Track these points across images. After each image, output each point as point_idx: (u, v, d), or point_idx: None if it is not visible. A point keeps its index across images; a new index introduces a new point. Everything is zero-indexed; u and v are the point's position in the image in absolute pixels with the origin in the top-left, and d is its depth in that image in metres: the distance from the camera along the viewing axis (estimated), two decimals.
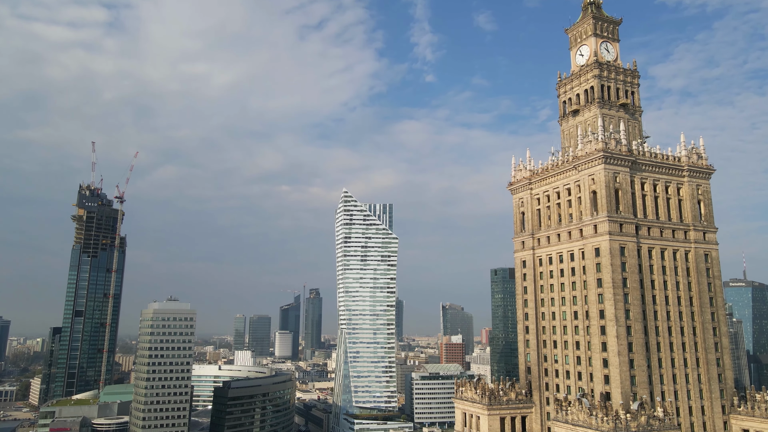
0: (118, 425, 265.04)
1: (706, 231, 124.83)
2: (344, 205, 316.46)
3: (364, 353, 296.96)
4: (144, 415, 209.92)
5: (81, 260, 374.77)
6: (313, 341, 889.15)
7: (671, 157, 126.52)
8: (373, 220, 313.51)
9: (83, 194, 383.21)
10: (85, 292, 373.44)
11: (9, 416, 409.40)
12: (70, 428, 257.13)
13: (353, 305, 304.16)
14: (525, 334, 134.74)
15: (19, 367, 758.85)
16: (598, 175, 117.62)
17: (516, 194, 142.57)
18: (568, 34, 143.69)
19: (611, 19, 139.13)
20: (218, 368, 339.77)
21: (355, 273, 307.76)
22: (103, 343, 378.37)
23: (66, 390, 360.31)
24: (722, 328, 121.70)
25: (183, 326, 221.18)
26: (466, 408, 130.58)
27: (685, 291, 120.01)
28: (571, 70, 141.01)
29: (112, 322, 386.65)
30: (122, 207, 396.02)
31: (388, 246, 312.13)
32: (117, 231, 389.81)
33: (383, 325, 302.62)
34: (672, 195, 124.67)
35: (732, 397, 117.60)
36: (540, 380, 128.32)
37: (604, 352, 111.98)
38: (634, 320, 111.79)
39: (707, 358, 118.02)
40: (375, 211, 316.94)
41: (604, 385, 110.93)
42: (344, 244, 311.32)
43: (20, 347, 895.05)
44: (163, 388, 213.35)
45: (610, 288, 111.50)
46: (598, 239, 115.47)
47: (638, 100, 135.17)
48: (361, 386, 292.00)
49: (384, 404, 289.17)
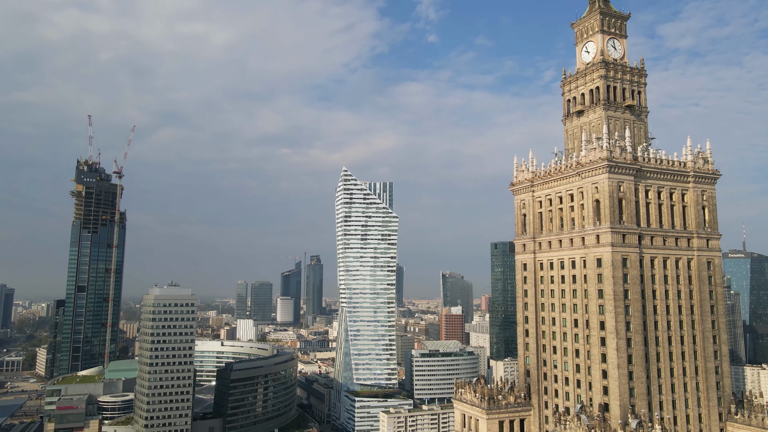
0: (123, 402, 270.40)
1: (709, 238, 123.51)
2: (344, 184, 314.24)
3: (364, 331, 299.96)
4: (148, 399, 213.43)
5: (81, 236, 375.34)
6: (314, 307, 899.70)
7: (677, 162, 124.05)
8: (373, 199, 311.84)
9: (81, 170, 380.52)
10: (86, 267, 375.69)
11: (16, 387, 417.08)
12: (77, 406, 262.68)
13: (353, 284, 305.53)
14: (525, 337, 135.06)
15: (25, 333, 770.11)
16: (601, 184, 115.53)
17: (517, 195, 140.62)
18: (574, 28, 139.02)
19: (619, 14, 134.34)
20: (221, 344, 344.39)
21: (355, 252, 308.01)
22: (107, 317, 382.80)
23: (71, 364, 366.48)
24: (722, 336, 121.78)
25: (184, 312, 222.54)
26: (466, 410, 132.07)
27: (686, 300, 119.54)
28: (576, 67, 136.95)
29: (115, 297, 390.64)
30: (121, 182, 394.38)
31: (388, 225, 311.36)
32: (117, 206, 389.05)
33: (383, 303, 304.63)
34: (676, 202, 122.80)
35: (729, 405, 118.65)
36: (539, 384, 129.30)
37: (603, 364, 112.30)
38: (635, 332, 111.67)
39: (706, 367, 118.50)
40: (375, 190, 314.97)
41: (603, 396, 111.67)
42: (344, 223, 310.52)
43: (26, 313, 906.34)
44: (166, 373, 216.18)
45: (611, 300, 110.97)
46: (600, 250, 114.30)
47: (644, 100, 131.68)
48: (361, 364, 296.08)
49: (384, 381, 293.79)
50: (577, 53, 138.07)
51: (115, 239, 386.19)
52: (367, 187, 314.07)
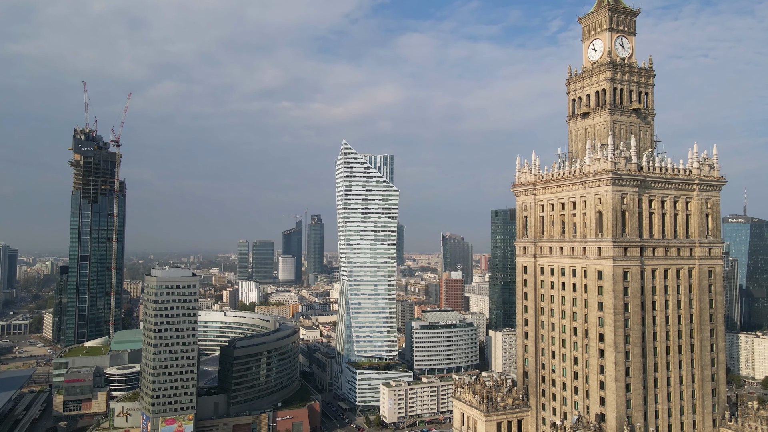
0: (129, 375, 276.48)
1: (711, 246, 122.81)
2: (344, 157, 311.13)
3: (365, 304, 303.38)
4: (154, 379, 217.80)
5: (82, 206, 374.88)
6: (315, 265, 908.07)
7: (682, 170, 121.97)
8: (374, 172, 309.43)
9: (78, 139, 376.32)
10: (88, 237, 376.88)
11: (24, 352, 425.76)
12: (84, 378, 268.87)
13: (354, 257, 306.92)
14: (524, 339, 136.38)
15: (30, 292, 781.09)
16: (605, 196, 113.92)
17: (519, 197, 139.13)
18: (582, 24, 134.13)
19: (629, 9, 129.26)
20: (224, 314, 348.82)
21: (356, 226, 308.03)
22: (110, 286, 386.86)
23: (77, 332, 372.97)
24: (719, 344, 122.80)
25: (186, 293, 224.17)
26: (465, 409, 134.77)
27: (686, 309, 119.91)
28: (582, 65, 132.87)
29: (118, 266, 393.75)
30: (119, 150, 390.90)
31: (388, 198, 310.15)
32: (116, 175, 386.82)
33: (384, 276, 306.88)
34: (680, 210, 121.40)
35: (723, 411, 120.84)
36: (537, 386, 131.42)
37: (601, 375, 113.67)
38: (633, 344, 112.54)
39: (702, 375, 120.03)
40: (375, 163, 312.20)
41: (600, 406, 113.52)
42: (345, 196, 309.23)
43: (30, 271, 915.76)
44: (170, 353, 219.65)
45: (611, 314, 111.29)
46: (601, 263, 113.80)
47: (651, 102, 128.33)
48: (362, 336, 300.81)
49: (385, 353, 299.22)
50: (583, 50, 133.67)
51: (116, 208, 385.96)
52: (367, 160, 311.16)
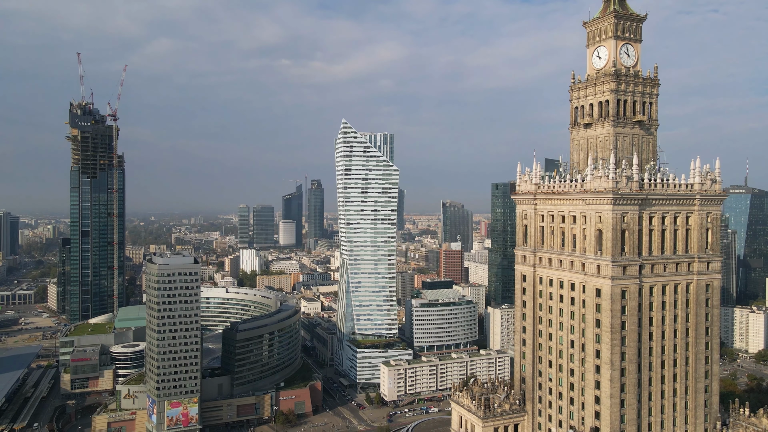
0: (134, 353, 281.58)
1: (710, 261, 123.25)
2: (344, 136, 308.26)
3: (365, 283, 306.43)
4: (159, 364, 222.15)
5: (81, 181, 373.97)
6: (316, 229, 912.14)
7: (683, 185, 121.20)
8: (374, 151, 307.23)
9: (75, 113, 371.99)
10: (89, 213, 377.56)
11: (30, 323, 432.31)
12: (90, 357, 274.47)
13: (354, 237, 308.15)
14: (522, 345, 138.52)
15: (33, 257, 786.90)
16: (605, 215, 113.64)
17: (520, 205, 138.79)
18: (587, 29, 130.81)
19: (635, 16, 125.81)
20: (225, 291, 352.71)
21: (356, 205, 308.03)
22: (113, 261, 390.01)
23: (82, 305, 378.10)
24: (714, 356, 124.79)
25: (188, 280, 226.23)
26: (462, 413, 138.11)
27: (682, 323, 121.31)
28: (587, 73, 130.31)
29: (119, 240, 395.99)
30: (116, 124, 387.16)
31: (388, 178, 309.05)
32: (114, 150, 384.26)
33: (384, 256, 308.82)
34: (680, 226, 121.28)
35: (715, 421, 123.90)
36: (534, 393, 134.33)
37: (596, 390, 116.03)
38: (629, 361, 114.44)
39: (696, 387, 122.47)
40: (375, 142, 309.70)
41: (595, 419, 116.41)
42: (345, 176, 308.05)
43: (32, 236, 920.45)
44: (174, 339, 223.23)
45: (608, 332, 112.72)
46: (600, 281, 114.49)
47: (655, 112, 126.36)
48: (363, 314, 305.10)
49: (385, 331, 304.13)
50: (587, 56, 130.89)
51: (115, 183, 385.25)
52: (367, 139, 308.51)
